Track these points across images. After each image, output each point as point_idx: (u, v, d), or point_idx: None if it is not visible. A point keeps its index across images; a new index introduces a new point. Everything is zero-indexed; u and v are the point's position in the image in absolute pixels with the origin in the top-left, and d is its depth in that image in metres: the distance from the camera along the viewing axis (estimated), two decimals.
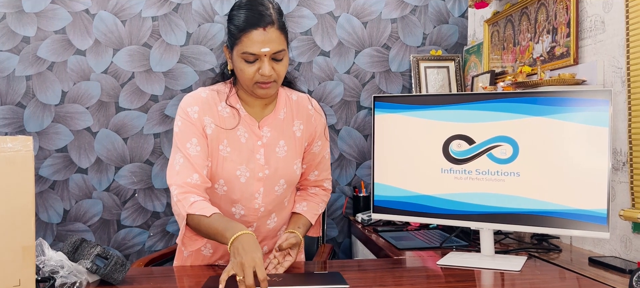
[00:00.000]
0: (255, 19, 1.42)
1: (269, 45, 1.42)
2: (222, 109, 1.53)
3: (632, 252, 1.65)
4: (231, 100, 1.54)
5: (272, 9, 1.46)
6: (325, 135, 1.67)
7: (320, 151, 1.66)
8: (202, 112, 1.51)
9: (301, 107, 1.62)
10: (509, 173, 1.60)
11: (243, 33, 1.42)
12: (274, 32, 1.43)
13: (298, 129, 1.60)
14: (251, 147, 1.54)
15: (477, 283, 1.44)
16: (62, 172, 2.62)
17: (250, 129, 1.55)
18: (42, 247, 1.36)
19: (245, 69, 1.45)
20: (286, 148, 1.58)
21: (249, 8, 1.44)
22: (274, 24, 1.43)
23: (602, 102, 1.49)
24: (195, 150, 1.47)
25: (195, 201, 1.40)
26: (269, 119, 1.57)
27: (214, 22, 2.70)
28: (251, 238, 1.28)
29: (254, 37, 1.41)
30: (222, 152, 1.52)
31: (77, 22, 2.61)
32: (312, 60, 2.77)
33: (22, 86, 2.58)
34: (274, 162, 1.55)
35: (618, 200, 1.71)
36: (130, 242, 2.68)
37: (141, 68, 2.66)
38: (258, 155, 1.54)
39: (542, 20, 2.13)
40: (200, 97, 1.54)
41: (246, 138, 1.54)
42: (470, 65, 2.75)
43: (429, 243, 1.94)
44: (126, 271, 1.40)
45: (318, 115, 1.65)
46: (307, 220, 1.63)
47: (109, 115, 2.65)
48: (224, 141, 1.52)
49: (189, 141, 1.47)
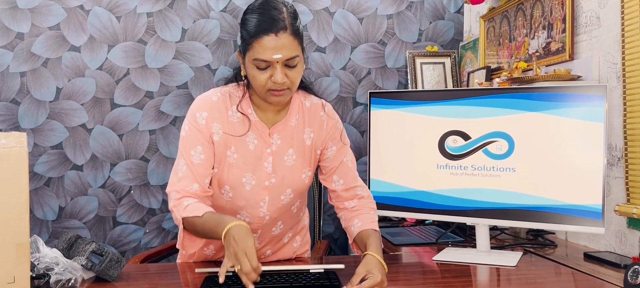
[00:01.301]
0: (267, 24, 1.35)
1: (281, 51, 1.35)
2: (232, 114, 1.48)
3: (627, 247, 1.66)
4: (243, 105, 1.49)
5: (286, 13, 1.38)
6: (342, 140, 1.57)
7: (337, 156, 1.56)
8: (211, 118, 1.46)
9: (313, 114, 1.55)
10: (505, 168, 1.61)
11: (254, 39, 1.36)
12: (286, 37, 1.35)
13: (308, 136, 1.54)
14: (259, 154, 1.49)
15: (473, 278, 1.44)
16: (57, 169, 2.61)
17: (260, 136, 1.49)
18: (36, 244, 1.35)
19: (257, 75, 1.38)
20: (295, 157, 1.52)
21: (261, 12, 1.38)
22: (287, 29, 1.35)
23: (598, 98, 1.49)
24: (199, 159, 1.44)
25: (189, 204, 1.40)
26: (280, 125, 1.50)
27: (209, 18, 2.69)
28: (242, 228, 1.28)
29: (266, 43, 1.35)
30: (229, 158, 1.48)
31: (71, 18, 2.60)
32: (308, 56, 2.77)
33: (17, 83, 2.57)
34: (281, 170, 1.51)
35: (613, 196, 1.71)
36: (126, 239, 2.67)
37: (136, 64, 2.65)
38: (266, 163, 1.49)
39: (537, 16, 2.13)
40: (211, 102, 1.49)
41: (255, 145, 1.49)
42: (466, 61, 2.75)
43: (424, 239, 1.95)
44: (121, 268, 1.39)
45: (331, 120, 1.56)
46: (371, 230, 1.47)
47: (104, 112, 2.64)
48: (232, 147, 1.48)
49: (193, 149, 1.45)
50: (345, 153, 1.58)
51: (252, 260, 1.21)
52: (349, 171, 1.58)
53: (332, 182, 1.58)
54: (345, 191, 1.57)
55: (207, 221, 1.35)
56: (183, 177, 1.43)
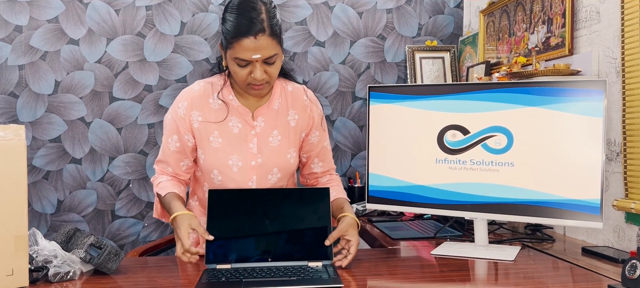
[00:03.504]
0: (245, 26, 1.42)
1: (260, 52, 1.43)
2: (213, 101, 1.58)
3: (625, 241, 1.66)
4: (224, 93, 1.58)
5: (264, 13, 1.44)
6: (322, 125, 1.68)
7: (319, 141, 1.68)
8: (190, 106, 1.57)
9: (296, 97, 1.64)
10: (503, 163, 1.61)
11: (234, 40, 1.43)
12: (265, 39, 1.43)
13: (293, 118, 1.62)
14: (244, 136, 1.57)
15: (471, 272, 1.45)
16: (55, 163, 2.61)
17: (244, 119, 1.57)
18: (35, 237, 1.35)
19: (238, 71, 1.48)
20: (280, 137, 1.60)
21: (239, 13, 1.44)
22: (265, 31, 1.42)
23: (597, 93, 1.49)
24: (175, 146, 1.59)
25: (161, 182, 1.59)
26: (263, 109, 1.59)
27: (208, 12, 2.69)
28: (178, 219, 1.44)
29: (245, 45, 1.42)
30: (214, 143, 1.57)
31: (70, 11, 2.59)
32: (307, 50, 2.76)
33: (15, 76, 2.56)
34: (266, 151, 1.58)
35: (611, 190, 1.72)
36: (124, 232, 2.67)
37: (135, 58, 2.65)
38: (251, 145, 1.57)
39: (537, 10, 2.12)
40: (193, 91, 1.60)
41: (239, 128, 1.57)
42: (466, 55, 2.75)
43: (423, 233, 1.95)
44: (120, 261, 1.40)
45: (314, 105, 1.66)
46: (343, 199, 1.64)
47: (103, 105, 2.63)
48: (215, 132, 1.57)
49: (170, 137, 1.59)
50: (325, 138, 1.70)
51: (185, 243, 1.38)
52: (327, 154, 1.72)
53: (311, 165, 1.70)
54: (322, 173, 1.71)
55: (165, 202, 1.56)
56: (161, 160, 1.64)
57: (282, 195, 1.52)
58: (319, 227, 1.46)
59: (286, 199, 1.50)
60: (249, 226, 1.45)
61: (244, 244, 1.43)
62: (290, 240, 1.45)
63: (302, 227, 1.46)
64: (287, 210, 1.47)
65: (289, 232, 1.46)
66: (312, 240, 1.44)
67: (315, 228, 1.46)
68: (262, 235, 1.45)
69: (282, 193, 1.54)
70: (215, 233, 1.42)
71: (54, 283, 1.30)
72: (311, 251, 1.42)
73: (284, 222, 1.46)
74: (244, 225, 1.45)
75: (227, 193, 1.50)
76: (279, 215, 1.46)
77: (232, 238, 1.43)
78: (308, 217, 1.47)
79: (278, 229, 1.46)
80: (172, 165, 1.61)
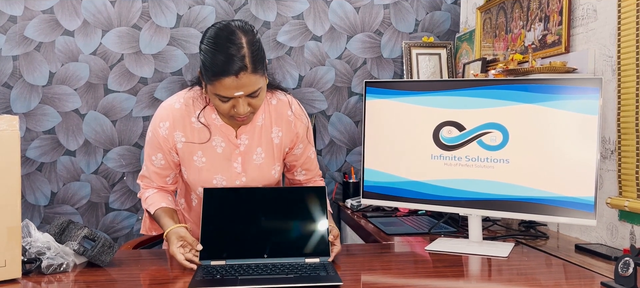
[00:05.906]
0: (226, 65, 1.31)
1: (242, 89, 1.34)
2: (195, 121, 1.51)
3: (618, 239, 1.67)
4: (205, 112, 1.50)
5: (245, 46, 1.32)
6: (308, 137, 1.63)
7: (303, 153, 1.64)
8: (173, 127, 1.51)
9: (280, 113, 1.57)
10: (499, 160, 1.61)
11: (215, 78, 1.33)
12: (247, 77, 1.33)
13: (276, 135, 1.57)
14: (228, 155, 1.53)
15: (465, 268, 1.45)
16: (49, 154, 2.60)
17: (227, 138, 1.53)
18: (28, 229, 1.34)
19: (220, 105, 1.39)
20: (264, 155, 1.56)
21: (218, 49, 1.32)
22: (247, 68, 1.32)
23: (592, 91, 1.49)
24: (160, 164, 1.55)
25: (148, 196, 1.57)
26: (247, 126, 1.53)
27: (204, 5, 2.67)
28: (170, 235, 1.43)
29: (226, 83, 1.33)
30: (197, 162, 1.53)
31: (65, 2, 2.57)
32: (304, 44, 2.76)
33: (9, 66, 2.54)
34: (251, 169, 1.56)
35: (605, 188, 1.72)
36: (118, 225, 2.67)
37: (130, 50, 2.63)
38: (235, 164, 1.55)
39: (534, 8, 2.12)
40: (173, 110, 1.51)
41: (223, 148, 1.53)
42: (462, 52, 2.75)
43: (417, 229, 1.95)
44: (114, 253, 1.39)
45: (298, 120, 1.59)
46: None
47: (98, 97, 2.62)
48: (198, 152, 1.53)
49: (154, 155, 1.55)
50: (309, 149, 1.66)
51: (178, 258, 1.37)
52: (312, 162, 1.68)
53: (295, 174, 1.68)
54: (306, 180, 1.69)
55: (155, 219, 1.55)
56: (146, 175, 1.59)
57: (277, 194, 1.53)
58: (316, 223, 1.46)
59: (282, 197, 1.51)
60: (244, 223, 1.45)
61: (238, 241, 1.43)
62: (286, 236, 1.45)
63: (298, 224, 1.46)
64: (283, 207, 1.48)
65: (286, 229, 1.46)
66: (309, 236, 1.44)
67: (312, 225, 1.45)
68: (257, 232, 1.44)
69: (277, 192, 1.55)
70: (210, 230, 1.42)
71: (47, 275, 1.30)
72: (308, 247, 1.42)
73: (281, 219, 1.46)
74: (239, 222, 1.45)
75: (222, 192, 1.50)
76: (275, 213, 1.47)
77: (227, 235, 1.43)
78: (305, 214, 1.47)
79: (274, 226, 1.46)
80: (157, 180, 1.57)
